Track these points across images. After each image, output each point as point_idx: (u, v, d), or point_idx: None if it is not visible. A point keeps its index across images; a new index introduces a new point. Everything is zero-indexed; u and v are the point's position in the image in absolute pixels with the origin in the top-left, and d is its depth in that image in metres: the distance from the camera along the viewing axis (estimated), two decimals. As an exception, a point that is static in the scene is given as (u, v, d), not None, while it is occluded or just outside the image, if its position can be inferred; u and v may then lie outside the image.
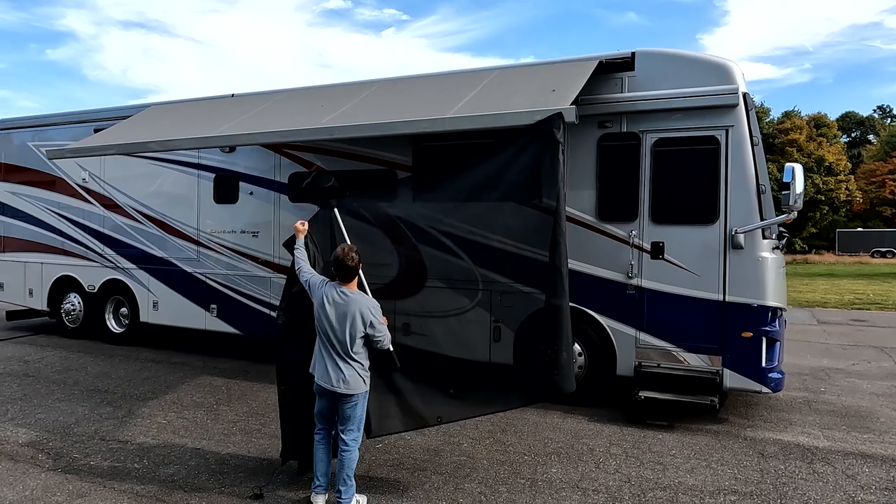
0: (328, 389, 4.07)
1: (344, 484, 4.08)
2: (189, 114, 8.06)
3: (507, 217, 5.55)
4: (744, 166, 5.95)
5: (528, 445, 5.45)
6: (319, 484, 4.20)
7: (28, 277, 10.82)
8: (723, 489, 4.59)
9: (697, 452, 5.31)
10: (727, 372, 6.00)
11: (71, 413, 6.33)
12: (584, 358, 6.65)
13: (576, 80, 5.64)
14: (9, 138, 11.04)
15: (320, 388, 4.13)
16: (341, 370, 4.06)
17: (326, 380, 4.07)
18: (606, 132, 6.45)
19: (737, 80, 6.04)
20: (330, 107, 6.52)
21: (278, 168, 8.39)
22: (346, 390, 4.06)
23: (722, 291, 6.02)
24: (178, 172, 9.20)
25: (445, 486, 4.61)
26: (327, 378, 4.07)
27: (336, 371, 4.06)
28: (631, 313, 6.37)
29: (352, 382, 4.07)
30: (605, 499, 4.41)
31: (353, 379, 4.08)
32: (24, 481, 4.64)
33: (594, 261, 6.51)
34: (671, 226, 6.23)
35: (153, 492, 4.47)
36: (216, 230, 8.92)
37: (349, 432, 4.14)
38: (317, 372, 4.16)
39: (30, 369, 8.28)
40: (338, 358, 4.07)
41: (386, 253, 6.61)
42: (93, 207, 10.01)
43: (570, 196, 6.54)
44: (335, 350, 4.08)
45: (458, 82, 6.57)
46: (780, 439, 5.67)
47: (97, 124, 9.41)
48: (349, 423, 4.13)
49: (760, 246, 5.95)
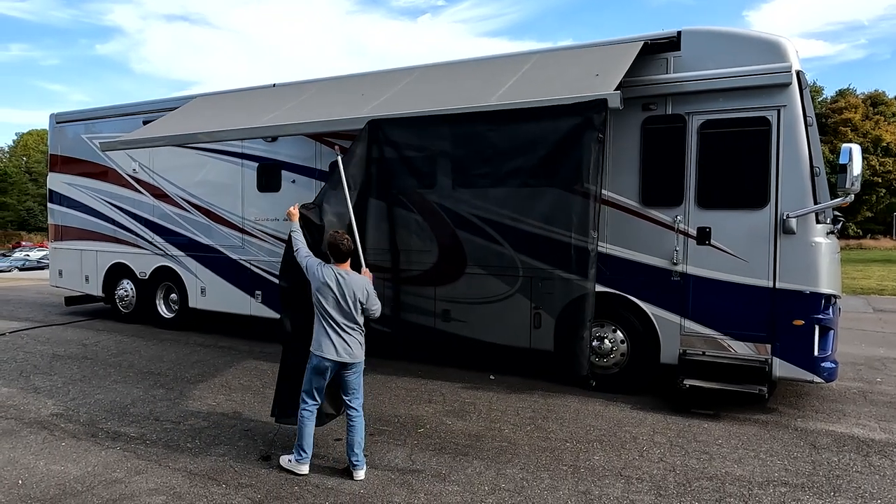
0: (336, 361, 4.44)
1: (359, 447, 4.53)
2: (233, 104, 8.23)
3: (548, 203, 5.49)
4: (797, 148, 5.72)
5: (569, 432, 5.43)
6: (307, 455, 4.59)
7: (84, 264, 11.32)
8: (772, 480, 4.48)
9: (745, 442, 5.19)
10: (777, 361, 5.84)
11: (127, 394, 6.62)
12: (627, 345, 6.56)
13: (620, 63, 5.51)
14: (63, 131, 11.51)
15: (326, 363, 4.45)
16: (346, 342, 4.47)
17: (333, 353, 4.44)
18: (650, 115, 6.29)
19: (790, 57, 5.79)
20: (370, 95, 6.55)
21: (319, 156, 8.51)
22: (351, 359, 4.49)
23: (772, 278, 5.83)
24: (222, 162, 9.44)
25: (487, 471, 4.64)
26: (334, 351, 4.43)
27: (342, 344, 4.45)
28: (675, 300, 6.24)
29: (355, 351, 4.53)
30: (650, 487, 4.36)
31: (357, 348, 4.54)
32: (87, 458, 4.88)
33: (637, 247, 6.40)
34: (718, 210, 6.06)
35: (205, 470, 4.65)
36: (260, 218, 9.12)
37: (356, 400, 4.61)
38: (322, 349, 4.45)
39: (88, 352, 8.69)
40: (341, 331, 4.46)
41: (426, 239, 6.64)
42: (143, 197, 10.38)
43: (613, 181, 6.44)
44: (338, 324, 4.46)
45: (498, 68, 6.50)
46: (833, 430, 5.49)
47: (146, 116, 9.72)
48: (356, 391, 4.61)
49: (814, 231, 5.73)
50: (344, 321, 4.46)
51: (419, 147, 5.92)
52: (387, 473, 4.59)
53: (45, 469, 4.67)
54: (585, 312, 4.89)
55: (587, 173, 4.82)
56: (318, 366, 4.48)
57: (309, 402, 4.60)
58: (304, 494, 4.24)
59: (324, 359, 4.44)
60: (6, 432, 5.45)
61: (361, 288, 4.51)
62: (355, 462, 4.51)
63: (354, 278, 4.52)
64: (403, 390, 6.77)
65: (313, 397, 4.59)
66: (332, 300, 4.44)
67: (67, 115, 11.59)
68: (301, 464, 4.59)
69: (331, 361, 4.44)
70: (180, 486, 4.37)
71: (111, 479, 4.48)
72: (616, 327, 6.61)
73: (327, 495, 4.23)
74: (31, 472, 4.63)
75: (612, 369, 6.62)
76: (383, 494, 4.24)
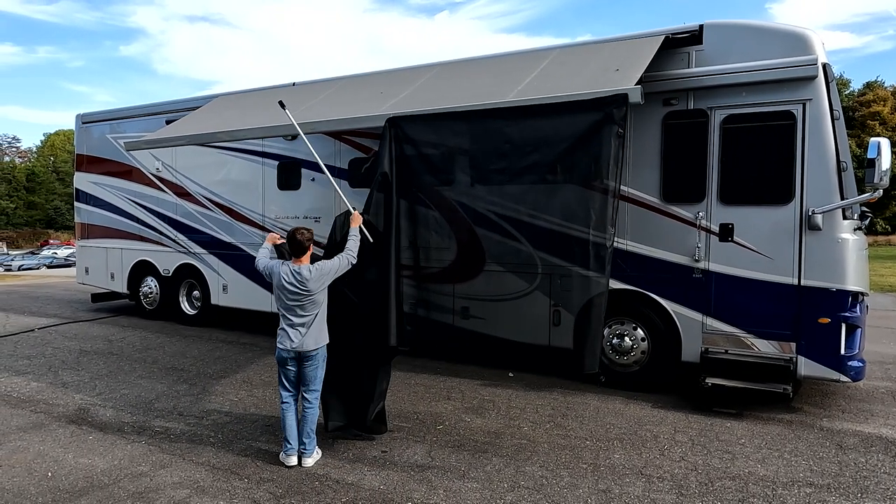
0: (295, 350, 4.67)
1: (308, 437, 4.73)
2: (254, 103, 8.31)
3: (567, 199, 5.45)
4: (823, 142, 5.60)
5: (589, 430, 5.40)
6: (292, 447, 4.74)
7: (109, 262, 11.55)
8: (797, 481, 4.40)
9: (769, 442, 5.11)
10: (802, 359, 5.73)
11: (151, 389, 6.74)
12: (648, 343, 6.49)
13: (640, 58, 5.44)
14: (89, 131, 11.74)
15: (284, 353, 4.72)
16: (302, 334, 4.68)
17: (290, 345, 4.68)
18: (672, 110, 6.21)
19: (815, 49, 5.67)
20: (390, 93, 6.56)
21: (338, 154, 8.55)
22: (306, 349, 4.68)
23: (797, 275, 5.72)
24: (243, 161, 9.55)
25: (506, 468, 4.63)
26: (291, 343, 4.68)
27: (298, 335, 4.68)
28: (697, 297, 6.16)
29: (311, 342, 4.69)
30: (671, 486, 4.32)
31: (311, 340, 4.70)
32: (113, 451, 4.99)
33: (658, 243, 6.33)
34: (741, 206, 5.96)
35: (228, 465, 4.72)
36: (280, 216, 9.21)
37: (312, 392, 4.80)
38: (283, 342, 4.71)
39: (114, 348, 8.86)
40: (297, 325, 4.69)
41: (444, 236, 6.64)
42: (166, 195, 10.55)
43: (633, 177, 6.38)
44: (297, 316, 4.68)
45: (517, 64, 6.47)
46: (860, 431, 5.38)
47: (168, 116, 9.87)
48: (312, 382, 4.78)
49: (840, 227, 5.61)
50: (300, 313, 4.68)
51: (437, 144, 5.92)
52: (406, 470, 4.61)
53: (74, 462, 4.79)
54: (600, 309, 4.84)
55: (606, 169, 4.78)
56: (279, 357, 4.76)
57: (283, 394, 4.83)
58: (325, 490, 4.29)
59: (282, 349, 4.72)
60: (36, 426, 5.59)
61: (324, 274, 4.72)
62: (303, 450, 4.73)
63: (306, 273, 4.66)
64: (422, 387, 6.79)
65: (286, 388, 4.82)
66: (288, 296, 4.66)
67: (93, 115, 11.82)
68: (288, 455, 4.73)
69: (288, 351, 4.69)
70: (203, 480, 4.45)
71: (137, 473, 4.58)
72: (637, 325, 6.55)
73: (347, 491, 4.27)
74: (59, 464, 4.74)
75: (633, 367, 6.57)
76: (402, 491, 4.27)
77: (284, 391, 4.83)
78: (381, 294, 5.26)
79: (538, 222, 6.24)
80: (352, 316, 5.18)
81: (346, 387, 5.15)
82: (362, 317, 5.23)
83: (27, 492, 4.28)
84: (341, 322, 5.07)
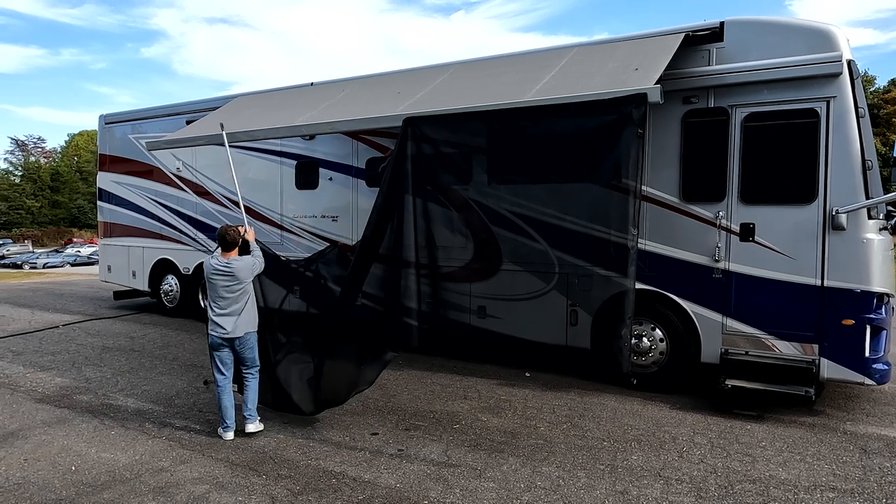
0: (227, 337, 5.15)
1: (252, 403, 5.26)
2: (272, 103, 8.39)
3: (587, 199, 5.43)
4: (847, 141, 5.50)
5: (606, 431, 5.36)
6: (228, 425, 5.21)
7: (131, 260, 11.73)
8: (819, 485, 4.33)
9: (790, 445, 5.03)
10: (825, 361, 5.64)
11: (172, 386, 6.84)
12: (666, 344, 6.43)
13: (660, 56, 5.39)
14: (111, 131, 11.94)
15: (219, 340, 5.17)
16: (229, 320, 5.14)
17: (222, 332, 5.14)
18: (691, 108, 6.14)
19: (840, 45, 5.56)
20: (407, 93, 6.57)
21: (355, 154, 8.60)
22: (235, 334, 5.14)
23: (820, 276, 5.62)
24: (262, 160, 9.64)
25: (523, 468, 4.62)
26: (223, 330, 5.14)
27: (226, 321, 5.14)
28: (717, 298, 6.08)
29: (239, 328, 5.16)
30: (690, 489, 4.27)
31: (240, 325, 5.17)
32: (134, 447, 5.07)
33: (677, 243, 6.26)
34: (763, 206, 5.87)
35: (246, 461, 4.77)
36: (298, 215, 9.28)
37: (252, 369, 5.29)
38: (215, 329, 5.17)
39: (135, 345, 9.01)
40: (225, 312, 5.15)
41: (462, 236, 6.65)
42: (186, 195, 10.69)
43: (652, 176, 6.32)
44: (222, 306, 5.15)
45: (535, 63, 6.44)
46: (885, 435, 5.27)
47: (189, 116, 9.99)
48: (250, 362, 5.27)
49: (865, 227, 5.50)
50: (229, 302, 5.14)
51: (455, 144, 5.93)
52: (423, 468, 4.62)
53: (96, 456, 4.88)
54: (626, 310, 4.81)
55: (627, 169, 4.74)
56: (212, 343, 5.23)
57: (218, 377, 5.26)
58: (342, 487, 4.31)
59: (215, 336, 5.18)
60: (60, 420, 5.70)
61: (245, 269, 5.20)
62: (247, 416, 5.25)
63: (237, 264, 5.17)
64: (439, 386, 6.80)
65: (221, 372, 5.26)
66: (216, 286, 5.15)
67: (115, 116, 12.02)
68: (225, 431, 5.21)
69: (220, 337, 5.16)
70: (223, 476, 4.50)
71: (157, 468, 4.64)
72: (655, 325, 6.49)
73: (364, 488, 4.29)
74: (83, 459, 4.83)
75: (651, 368, 6.51)
76: (419, 489, 4.28)
77: (219, 375, 5.26)
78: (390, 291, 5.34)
79: (557, 222, 6.22)
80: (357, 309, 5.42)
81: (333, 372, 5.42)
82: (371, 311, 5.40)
83: (52, 485, 4.37)
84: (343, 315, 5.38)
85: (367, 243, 5.49)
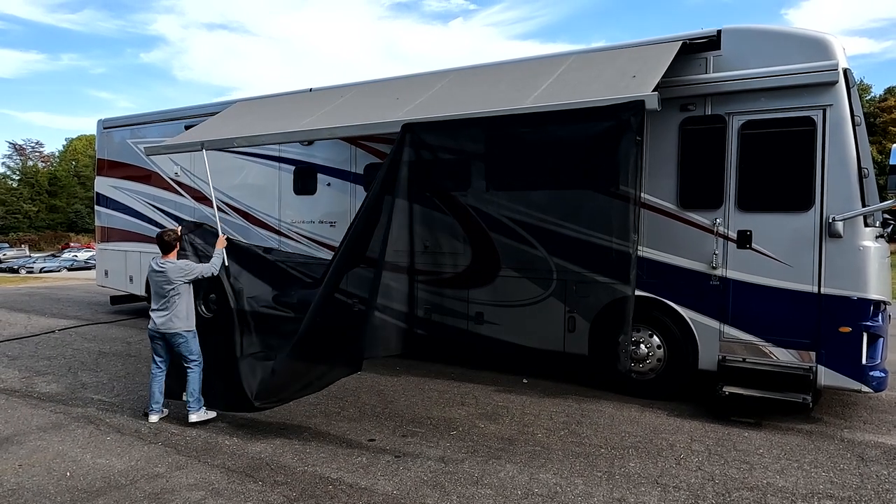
0: (160, 332, 5.65)
1: (192, 396, 5.67)
2: (271, 109, 8.40)
3: (585, 206, 5.46)
4: (844, 149, 5.53)
5: (604, 438, 5.35)
6: (153, 409, 5.78)
7: (128, 265, 11.70)
8: (817, 493, 4.32)
9: (788, 453, 5.03)
10: (822, 369, 5.64)
11: (168, 391, 6.80)
12: (664, 351, 6.43)
13: (657, 64, 5.41)
14: (110, 136, 11.94)
15: (153, 332, 5.70)
16: (164, 317, 5.62)
17: (154, 325, 5.66)
18: (689, 115, 6.17)
19: (836, 54, 5.60)
20: (405, 99, 6.59)
21: (353, 159, 8.61)
22: (168, 329, 5.62)
23: (817, 283, 5.64)
24: (260, 165, 9.64)
25: (520, 475, 4.61)
26: (154, 323, 5.66)
27: (160, 317, 5.63)
28: (714, 305, 6.09)
29: (175, 324, 5.61)
30: (687, 496, 4.26)
31: (176, 321, 5.62)
32: (130, 452, 5.04)
33: (674, 250, 6.27)
34: (760, 213, 5.89)
35: (242, 467, 4.75)
36: (296, 220, 9.28)
37: (189, 362, 5.71)
38: (151, 322, 5.68)
39: (132, 350, 8.97)
40: (161, 308, 5.65)
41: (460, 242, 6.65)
42: (184, 200, 10.68)
43: (650, 183, 6.34)
44: (162, 301, 5.63)
45: (533, 70, 6.46)
46: (882, 442, 5.27)
47: (187, 121, 10.00)
48: (186, 356, 5.70)
49: (862, 234, 5.52)
50: (163, 300, 5.63)
51: (454, 150, 5.94)
52: (419, 475, 4.60)
53: (92, 462, 4.85)
54: (626, 316, 4.79)
55: (625, 176, 4.75)
56: (149, 334, 5.78)
57: (152, 365, 5.82)
58: (339, 493, 4.29)
59: (150, 328, 5.72)
60: (55, 426, 5.67)
61: (177, 271, 5.61)
62: (188, 407, 5.66)
63: (170, 266, 5.62)
64: (436, 392, 6.78)
65: (154, 361, 5.81)
66: (154, 284, 5.65)
67: (114, 120, 12.02)
68: (151, 413, 5.76)
69: (154, 330, 5.67)
70: (218, 482, 4.48)
71: (153, 474, 4.62)
72: (653, 332, 6.49)
73: (361, 495, 4.27)
74: (78, 464, 4.81)
75: (649, 375, 6.50)
76: (416, 496, 4.26)
77: (153, 363, 5.81)
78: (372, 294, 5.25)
79: (555, 229, 6.23)
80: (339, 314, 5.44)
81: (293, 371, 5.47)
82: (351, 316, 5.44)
83: (46, 491, 4.35)
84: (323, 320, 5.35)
85: (349, 244, 5.43)
